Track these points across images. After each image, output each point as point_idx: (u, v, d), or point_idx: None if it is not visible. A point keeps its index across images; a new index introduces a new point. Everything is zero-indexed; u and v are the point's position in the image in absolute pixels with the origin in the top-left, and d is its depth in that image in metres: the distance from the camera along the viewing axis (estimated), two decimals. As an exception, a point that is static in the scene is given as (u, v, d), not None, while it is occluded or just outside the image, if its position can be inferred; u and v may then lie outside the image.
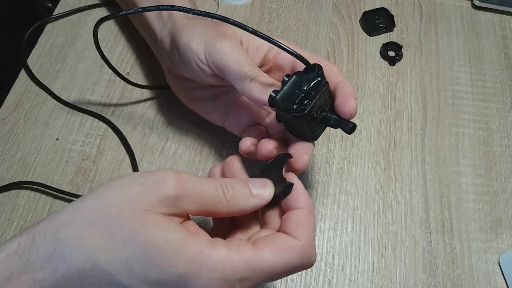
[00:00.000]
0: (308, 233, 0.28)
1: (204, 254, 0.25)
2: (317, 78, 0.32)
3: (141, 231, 0.24)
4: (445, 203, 0.46)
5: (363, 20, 0.57)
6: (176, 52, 0.39)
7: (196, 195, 0.27)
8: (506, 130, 0.51)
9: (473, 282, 0.42)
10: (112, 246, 0.24)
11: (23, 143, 0.46)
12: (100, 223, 0.25)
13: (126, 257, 0.24)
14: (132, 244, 0.24)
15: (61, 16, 0.54)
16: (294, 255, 0.27)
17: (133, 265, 0.24)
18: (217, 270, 0.24)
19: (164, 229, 0.25)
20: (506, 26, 0.59)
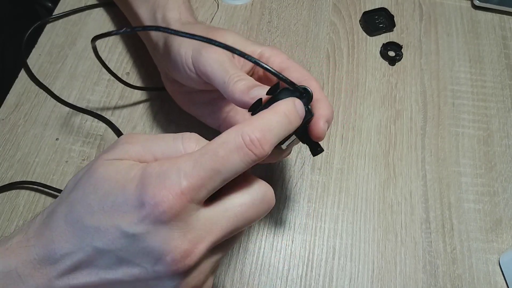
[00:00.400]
0: (256, 120, 0.26)
1: (148, 168, 0.24)
2: (304, 107, 0.30)
3: (92, 172, 0.25)
4: (445, 203, 0.46)
5: (363, 20, 0.57)
6: (167, 57, 0.39)
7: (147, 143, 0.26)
8: (506, 130, 0.51)
9: (473, 282, 0.42)
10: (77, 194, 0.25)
11: (23, 143, 0.46)
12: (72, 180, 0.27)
13: (83, 195, 0.25)
14: (84, 184, 0.25)
15: (61, 16, 0.54)
16: (231, 132, 0.25)
17: (89, 200, 0.24)
18: (162, 175, 0.24)
19: (112, 164, 0.25)
20: (506, 26, 0.59)
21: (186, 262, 0.23)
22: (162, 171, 0.24)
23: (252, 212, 0.26)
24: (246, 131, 0.25)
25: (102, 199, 0.24)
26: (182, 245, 0.23)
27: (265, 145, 0.25)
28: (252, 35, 0.55)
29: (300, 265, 0.42)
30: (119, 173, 0.25)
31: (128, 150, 0.26)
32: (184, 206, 0.23)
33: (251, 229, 0.43)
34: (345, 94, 0.52)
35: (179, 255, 0.23)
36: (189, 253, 0.23)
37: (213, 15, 0.56)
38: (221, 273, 0.41)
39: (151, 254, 0.23)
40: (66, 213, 0.25)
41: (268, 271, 0.41)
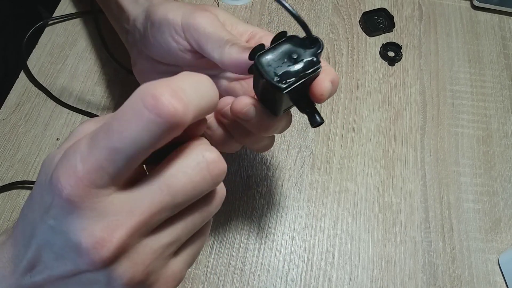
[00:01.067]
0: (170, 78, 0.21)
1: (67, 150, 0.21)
2: (312, 57, 0.27)
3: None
4: (445, 203, 0.46)
5: (363, 20, 0.57)
6: (149, 28, 0.36)
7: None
8: (505, 130, 0.51)
9: (472, 281, 0.42)
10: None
11: (24, 143, 0.46)
12: None
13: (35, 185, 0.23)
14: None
15: (60, 20, 0.54)
16: (131, 97, 0.20)
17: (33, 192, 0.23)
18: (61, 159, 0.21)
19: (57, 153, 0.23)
20: (506, 26, 0.59)
21: (103, 252, 0.20)
22: (65, 153, 0.21)
23: (186, 180, 0.21)
24: (148, 90, 0.19)
25: (37, 189, 0.22)
26: (94, 233, 0.20)
27: (176, 101, 0.19)
28: (252, 35, 0.55)
29: (300, 264, 0.42)
30: (49, 159, 0.22)
31: (81, 129, 0.23)
32: (85, 192, 0.20)
33: (251, 228, 0.43)
34: (344, 94, 0.52)
35: (92, 245, 0.20)
36: (105, 242, 0.20)
37: (213, 16, 0.56)
38: (221, 273, 0.41)
39: (70, 246, 0.21)
40: (23, 208, 0.24)
41: (268, 270, 0.41)
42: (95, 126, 0.22)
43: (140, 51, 0.40)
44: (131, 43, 0.42)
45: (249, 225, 0.43)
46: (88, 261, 0.21)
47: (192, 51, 0.35)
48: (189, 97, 0.20)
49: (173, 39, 0.35)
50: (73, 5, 0.56)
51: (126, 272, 0.21)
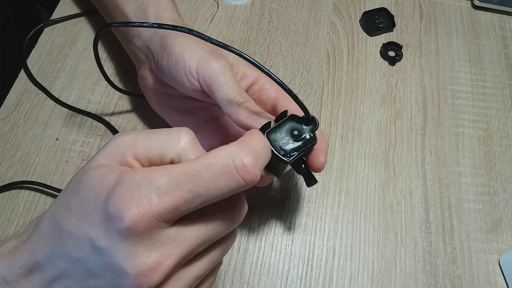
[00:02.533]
0: (246, 144, 0.24)
1: (122, 177, 0.23)
2: (310, 133, 0.33)
3: (80, 174, 0.24)
4: (445, 203, 0.46)
5: (363, 20, 0.57)
6: (165, 57, 0.38)
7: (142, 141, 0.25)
8: (506, 130, 0.51)
9: (473, 282, 0.42)
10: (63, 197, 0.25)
11: (23, 143, 0.46)
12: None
13: (67, 199, 0.24)
14: (71, 187, 0.24)
15: (60, 20, 0.54)
16: (220, 153, 0.23)
17: (70, 203, 0.24)
18: (132, 186, 0.22)
19: (97, 167, 0.24)
20: (506, 26, 0.59)
21: (150, 279, 0.22)
22: (134, 181, 0.22)
23: (223, 219, 0.25)
24: (238, 154, 0.23)
25: (79, 204, 0.23)
26: (146, 261, 0.22)
27: (257, 171, 0.23)
28: (252, 35, 0.55)
29: (300, 265, 0.42)
30: (97, 178, 0.23)
31: (120, 142, 0.25)
32: (152, 225, 0.22)
33: (251, 229, 0.43)
34: (345, 94, 0.52)
35: (142, 272, 0.22)
36: (154, 270, 0.22)
37: (213, 15, 0.56)
38: (221, 273, 0.41)
39: (114, 269, 0.22)
40: (51, 215, 0.24)
41: (268, 271, 0.41)
42: (135, 140, 0.24)
43: (151, 71, 0.41)
44: (141, 61, 0.43)
45: (249, 225, 0.43)
46: (132, 286, 0.22)
47: (201, 91, 0.37)
48: (262, 162, 0.25)
49: (186, 78, 0.37)
50: (73, 5, 0.55)
51: None
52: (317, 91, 0.52)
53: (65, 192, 0.25)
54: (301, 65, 0.54)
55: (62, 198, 0.25)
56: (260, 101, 0.39)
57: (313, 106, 0.51)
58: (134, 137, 0.25)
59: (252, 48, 0.54)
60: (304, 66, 0.53)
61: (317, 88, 0.52)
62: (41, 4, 0.73)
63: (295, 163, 0.34)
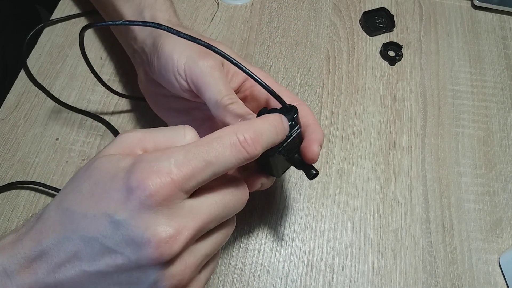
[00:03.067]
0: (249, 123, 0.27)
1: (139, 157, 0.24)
2: (291, 121, 0.32)
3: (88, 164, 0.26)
4: (445, 203, 0.46)
5: (363, 20, 0.57)
6: (156, 58, 0.38)
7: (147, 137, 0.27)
8: (506, 130, 0.51)
9: (473, 282, 0.42)
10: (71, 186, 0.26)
11: (23, 143, 0.46)
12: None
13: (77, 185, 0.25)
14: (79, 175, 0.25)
15: (60, 20, 0.54)
16: (225, 130, 0.26)
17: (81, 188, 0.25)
18: (152, 161, 0.24)
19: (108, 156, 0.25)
20: (506, 26, 0.59)
21: (171, 248, 0.23)
22: (153, 157, 0.24)
23: (230, 200, 0.27)
24: (241, 130, 0.26)
25: (92, 187, 0.24)
26: (167, 230, 0.23)
27: (257, 146, 0.26)
28: (252, 35, 0.55)
29: (300, 265, 0.42)
30: (111, 163, 0.25)
31: (128, 137, 0.26)
32: (173, 193, 0.23)
33: (251, 229, 0.43)
34: (345, 94, 0.52)
35: (163, 240, 0.23)
36: (174, 239, 0.23)
37: (213, 15, 0.56)
38: (221, 273, 0.41)
39: (134, 240, 0.23)
40: (58, 204, 0.25)
41: (268, 271, 0.41)
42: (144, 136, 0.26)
43: (146, 72, 0.42)
44: (139, 62, 0.43)
45: (249, 225, 0.43)
46: (152, 255, 0.23)
47: (190, 90, 0.37)
48: (264, 142, 0.27)
49: (175, 78, 0.37)
50: (73, 5, 0.55)
51: (175, 272, 0.24)
52: (317, 91, 0.52)
53: (72, 181, 0.26)
54: (301, 65, 0.54)
55: (69, 187, 0.26)
56: (253, 96, 0.39)
57: (313, 106, 0.51)
58: (142, 133, 0.26)
59: (252, 48, 0.54)
60: (304, 66, 0.53)
61: (317, 88, 0.52)
62: (41, 4, 0.73)
63: (286, 155, 0.33)
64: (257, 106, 0.39)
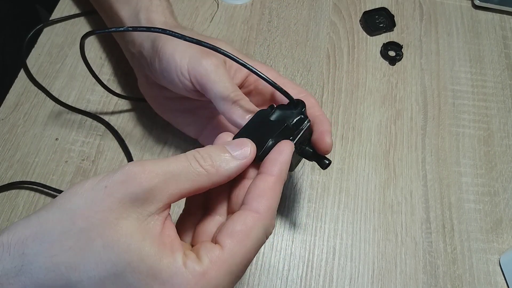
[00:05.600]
0: (269, 204, 0.27)
1: (179, 277, 0.23)
2: (300, 115, 0.32)
3: (115, 246, 0.22)
4: (446, 203, 0.46)
5: (363, 19, 0.57)
6: (157, 60, 0.38)
7: (168, 180, 0.24)
8: (506, 130, 0.51)
9: (473, 282, 0.42)
10: (83, 263, 0.22)
11: (23, 143, 0.46)
12: (68, 237, 0.23)
13: (99, 276, 0.22)
14: (105, 262, 0.22)
15: (60, 20, 0.54)
16: (258, 231, 0.26)
17: (106, 285, 0.22)
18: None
19: (139, 243, 0.23)
20: (507, 26, 0.59)
21: None
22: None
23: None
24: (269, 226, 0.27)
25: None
26: None
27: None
28: (252, 34, 0.55)
29: (300, 265, 0.42)
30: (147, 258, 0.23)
31: (155, 197, 0.24)
32: None
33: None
34: (345, 94, 0.52)
35: None
36: None
37: (213, 15, 0.56)
38: (221, 274, 0.41)
39: None
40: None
41: (268, 271, 0.41)
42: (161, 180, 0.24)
43: (147, 76, 0.41)
44: (137, 66, 0.43)
45: (249, 225, 0.43)
46: None
47: (195, 90, 0.37)
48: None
49: (179, 79, 0.36)
50: (73, 5, 0.55)
51: None
52: (317, 91, 0.52)
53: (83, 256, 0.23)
54: (301, 65, 0.53)
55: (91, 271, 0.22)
56: (257, 91, 0.39)
57: (313, 106, 0.51)
58: (153, 164, 0.24)
59: (252, 48, 0.54)
60: (304, 66, 0.53)
61: (317, 88, 0.52)
62: (41, 4, 0.73)
63: (301, 149, 0.33)
64: (262, 100, 0.38)
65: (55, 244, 0.22)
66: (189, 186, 0.25)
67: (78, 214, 0.23)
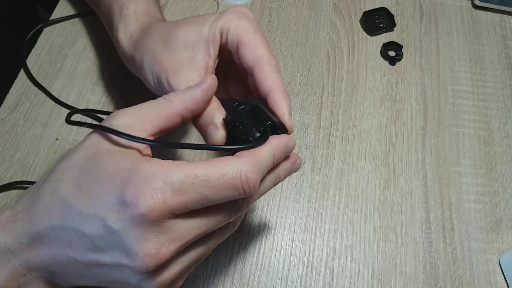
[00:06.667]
0: (255, 158, 0.27)
1: (138, 165, 0.25)
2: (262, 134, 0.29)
3: (89, 152, 0.27)
4: (446, 203, 0.46)
5: (364, 19, 0.57)
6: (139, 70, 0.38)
7: (140, 116, 0.28)
8: (506, 130, 0.51)
9: (473, 282, 0.42)
10: (69, 174, 0.26)
11: (23, 143, 0.46)
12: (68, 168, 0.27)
13: (76, 176, 0.26)
14: (79, 164, 0.26)
15: (60, 20, 0.54)
16: (230, 166, 0.26)
17: (80, 182, 0.25)
18: (149, 177, 0.24)
19: (110, 151, 0.27)
20: (507, 26, 0.59)
21: (155, 261, 0.24)
22: (151, 172, 0.24)
23: (215, 224, 0.27)
24: (245, 170, 0.26)
25: (90, 185, 0.25)
26: (154, 245, 0.24)
27: (256, 187, 0.26)
28: (252, 34, 0.55)
29: (300, 265, 0.42)
30: (111, 161, 0.26)
31: (124, 121, 0.27)
32: (163, 215, 0.24)
33: (251, 229, 0.43)
34: (345, 94, 0.52)
35: (149, 255, 0.24)
36: (158, 253, 0.24)
37: (213, 15, 0.56)
38: (221, 274, 0.41)
39: (124, 249, 0.24)
40: (54, 189, 0.26)
41: (268, 271, 0.41)
42: (133, 118, 0.28)
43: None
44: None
45: (249, 225, 0.43)
46: (138, 267, 0.24)
47: None
48: (264, 173, 0.28)
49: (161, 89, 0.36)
50: (72, 5, 0.55)
51: (159, 282, 0.26)
52: (317, 91, 0.52)
53: (69, 168, 0.26)
54: (301, 65, 0.53)
55: (65, 173, 0.26)
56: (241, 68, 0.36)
57: (313, 106, 0.51)
58: (135, 116, 0.28)
59: (252, 48, 0.54)
60: (304, 66, 0.53)
61: (317, 88, 0.52)
62: (41, 4, 0.73)
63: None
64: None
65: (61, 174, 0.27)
66: (156, 116, 0.28)
67: (77, 151, 0.28)
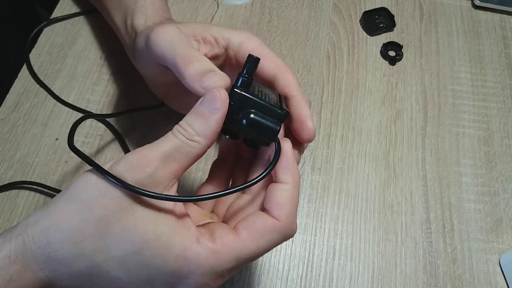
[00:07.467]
0: (288, 211, 0.27)
1: (191, 251, 0.25)
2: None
3: (132, 228, 0.25)
4: (446, 203, 0.46)
5: (363, 19, 0.57)
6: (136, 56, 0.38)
7: (166, 160, 0.26)
8: (506, 130, 0.51)
9: (473, 282, 0.42)
10: (105, 245, 0.25)
11: (23, 143, 0.46)
12: (88, 225, 0.25)
13: (120, 255, 0.25)
14: (124, 242, 0.25)
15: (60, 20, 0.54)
16: (275, 236, 0.27)
17: (128, 263, 0.25)
18: (205, 266, 0.25)
19: (154, 223, 0.25)
20: (507, 26, 0.59)
21: None
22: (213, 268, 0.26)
23: None
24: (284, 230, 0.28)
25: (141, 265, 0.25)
26: None
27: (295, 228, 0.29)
28: (252, 34, 0.55)
29: (300, 265, 0.42)
30: (162, 236, 0.25)
31: (159, 176, 0.26)
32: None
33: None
34: (345, 94, 0.52)
35: None
36: None
37: (213, 15, 0.56)
38: (221, 274, 0.41)
39: None
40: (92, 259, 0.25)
41: (268, 271, 0.41)
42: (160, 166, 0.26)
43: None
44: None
45: (249, 225, 0.43)
46: None
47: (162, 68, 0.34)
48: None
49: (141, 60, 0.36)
50: (73, 4, 0.55)
51: None
52: (317, 91, 0.52)
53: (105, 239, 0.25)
54: (301, 65, 0.53)
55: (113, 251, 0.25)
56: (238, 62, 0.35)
57: (313, 106, 0.51)
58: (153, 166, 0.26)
59: (252, 48, 0.54)
60: (304, 66, 0.53)
61: (317, 88, 0.52)
62: (41, 4, 0.73)
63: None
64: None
65: (76, 232, 0.25)
66: (186, 159, 0.27)
67: (94, 203, 0.25)
